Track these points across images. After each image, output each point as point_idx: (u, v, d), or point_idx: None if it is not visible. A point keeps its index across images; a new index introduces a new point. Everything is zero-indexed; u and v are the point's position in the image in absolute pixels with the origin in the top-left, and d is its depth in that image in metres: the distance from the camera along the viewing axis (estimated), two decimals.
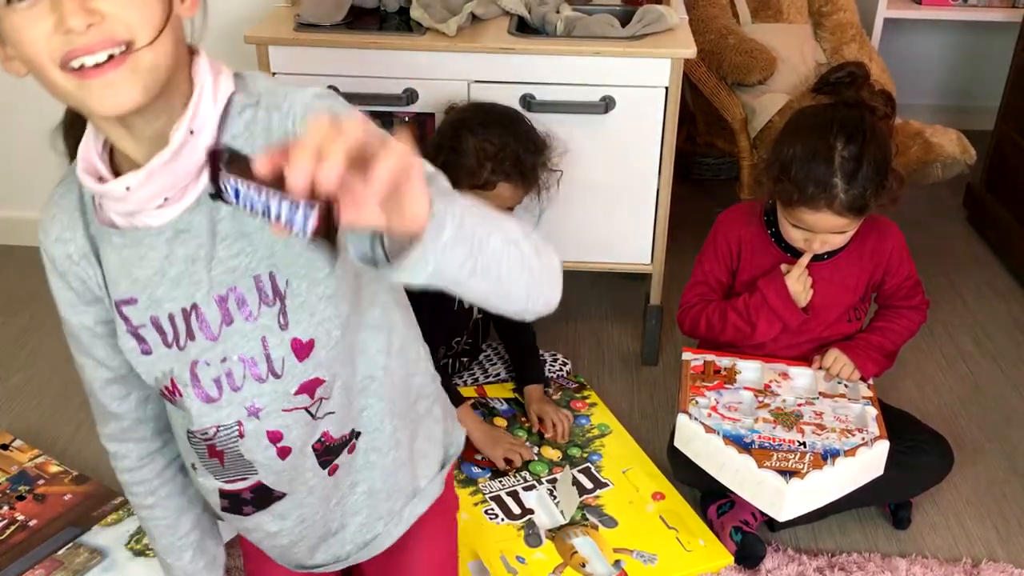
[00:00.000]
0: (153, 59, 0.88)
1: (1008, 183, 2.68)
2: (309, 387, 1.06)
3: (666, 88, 1.94)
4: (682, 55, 1.91)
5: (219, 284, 1.01)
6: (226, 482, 1.14)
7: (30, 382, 2.15)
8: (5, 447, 1.91)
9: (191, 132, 0.94)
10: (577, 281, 2.49)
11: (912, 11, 2.99)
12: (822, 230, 1.66)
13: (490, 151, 1.79)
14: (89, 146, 0.98)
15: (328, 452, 1.14)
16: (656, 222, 2.08)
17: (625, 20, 2.01)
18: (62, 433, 1.99)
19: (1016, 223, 2.60)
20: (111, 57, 0.85)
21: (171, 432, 1.20)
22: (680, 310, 1.87)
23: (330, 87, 1.09)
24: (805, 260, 1.73)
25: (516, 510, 1.78)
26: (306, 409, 1.08)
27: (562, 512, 1.77)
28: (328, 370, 1.07)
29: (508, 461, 1.87)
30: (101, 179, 0.97)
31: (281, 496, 1.15)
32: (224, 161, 0.72)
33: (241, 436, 1.08)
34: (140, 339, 1.06)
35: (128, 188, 0.95)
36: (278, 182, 0.69)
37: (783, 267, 1.75)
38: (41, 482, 1.83)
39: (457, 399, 1.92)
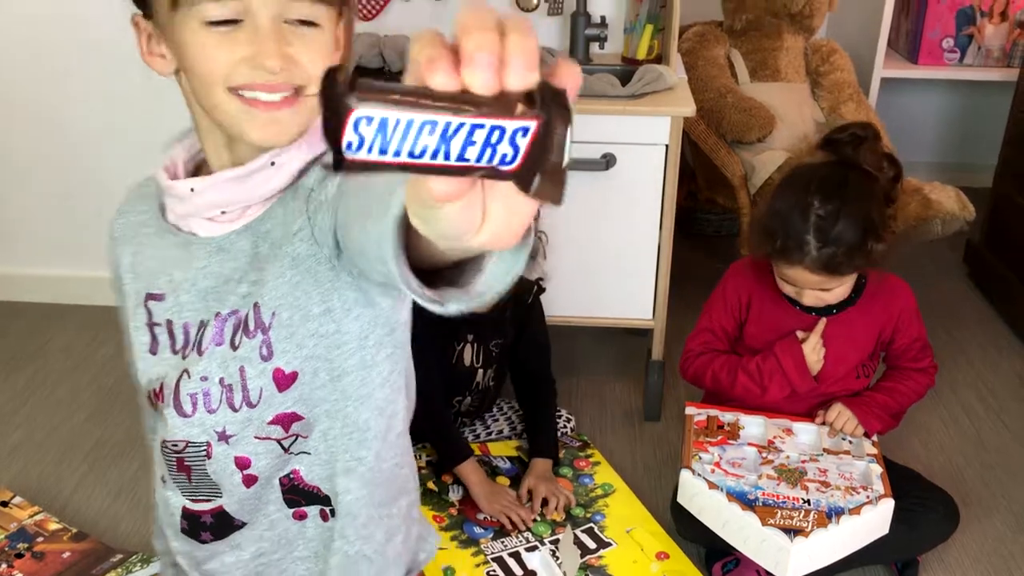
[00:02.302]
0: (315, 104, 0.91)
1: (1008, 240, 2.69)
2: (285, 420, 1.06)
3: (666, 145, 1.97)
4: (682, 113, 1.94)
5: (229, 306, 1.03)
6: (192, 501, 1.13)
7: (31, 439, 2.14)
8: (5, 504, 1.89)
9: (272, 163, 0.97)
10: (579, 336, 2.49)
11: (909, 71, 3.04)
12: (803, 285, 1.67)
13: None
14: (179, 152, 1.04)
15: (296, 492, 1.12)
16: (657, 278, 2.09)
17: (625, 79, 2.05)
18: (62, 490, 1.97)
19: (1017, 280, 2.60)
20: (282, 97, 0.92)
21: None
22: (683, 357, 1.87)
23: None
24: (820, 327, 1.73)
25: (518, 571, 1.76)
26: (278, 441, 1.07)
27: (564, 573, 1.75)
28: (310, 410, 1.05)
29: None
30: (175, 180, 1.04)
31: (241, 526, 1.13)
32: (349, 81, 0.44)
33: (209, 456, 1.08)
34: (153, 337, 1.09)
35: (192, 190, 0.99)
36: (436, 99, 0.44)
37: (799, 334, 1.75)
38: (40, 539, 1.81)
39: (464, 451, 1.91)
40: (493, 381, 2.07)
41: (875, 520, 1.61)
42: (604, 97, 1.98)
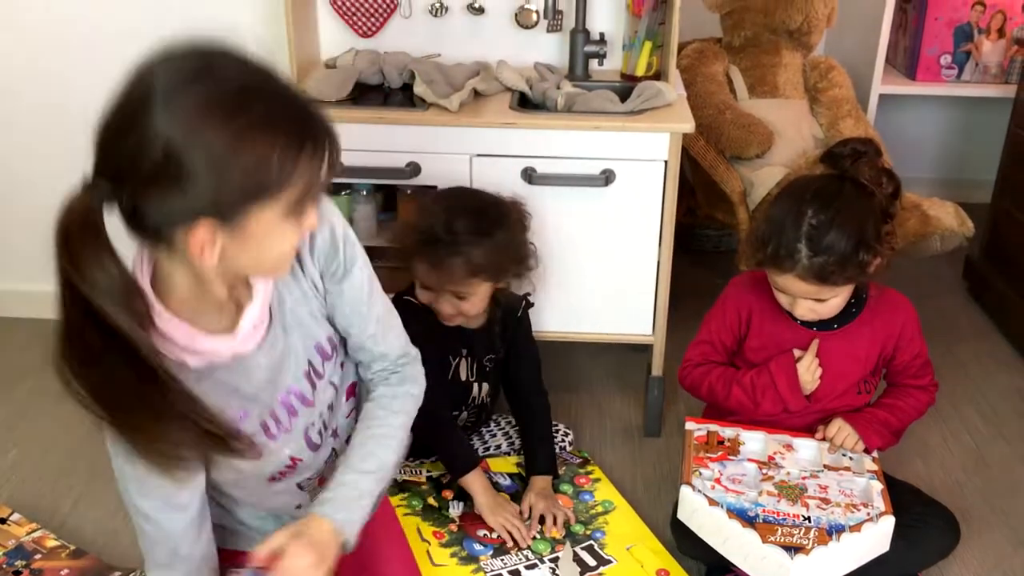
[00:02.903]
0: None
1: (1007, 256, 2.69)
2: (350, 390, 1.46)
3: (665, 161, 1.97)
4: (681, 130, 1.95)
5: (299, 364, 1.30)
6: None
7: (29, 455, 2.13)
8: (3, 521, 1.89)
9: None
10: (579, 351, 2.49)
11: (906, 87, 3.05)
12: (795, 294, 1.68)
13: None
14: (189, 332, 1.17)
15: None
16: (657, 294, 2.09)
17: (624, 96, 2.05)
18: (60, 507, 1.97)
19: (1016, 295, 2.61)
20: None
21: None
22: (682, 366, 1.88)
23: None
24: (815, 347, 1.73)
25: None
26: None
27: None
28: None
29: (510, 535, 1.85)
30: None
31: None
32: None
33: (337, 454, 1.44)
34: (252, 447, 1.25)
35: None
36: None
37: (796, 352, 1.75)
38: (38, 557, 1.81)
39: (474, 459, 1.91)
40: (488, 396, 2.07)
41: (876, 537, 1.60)
42: (603, 113, 1.99)
